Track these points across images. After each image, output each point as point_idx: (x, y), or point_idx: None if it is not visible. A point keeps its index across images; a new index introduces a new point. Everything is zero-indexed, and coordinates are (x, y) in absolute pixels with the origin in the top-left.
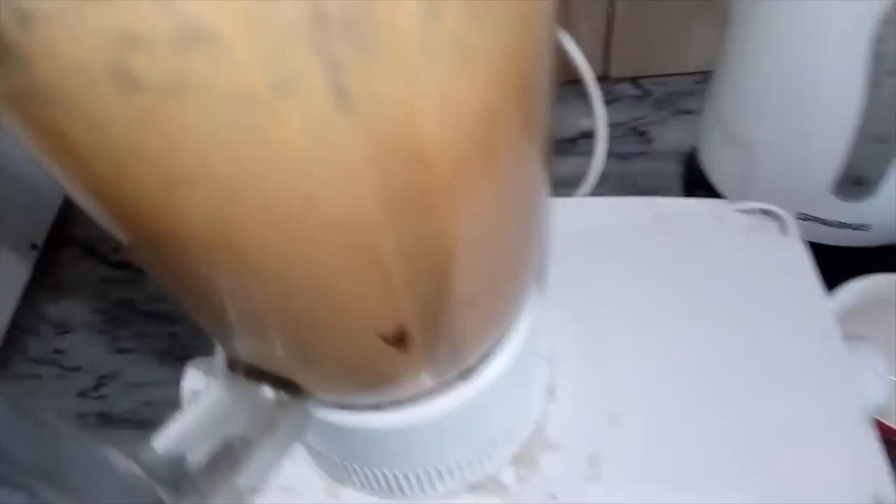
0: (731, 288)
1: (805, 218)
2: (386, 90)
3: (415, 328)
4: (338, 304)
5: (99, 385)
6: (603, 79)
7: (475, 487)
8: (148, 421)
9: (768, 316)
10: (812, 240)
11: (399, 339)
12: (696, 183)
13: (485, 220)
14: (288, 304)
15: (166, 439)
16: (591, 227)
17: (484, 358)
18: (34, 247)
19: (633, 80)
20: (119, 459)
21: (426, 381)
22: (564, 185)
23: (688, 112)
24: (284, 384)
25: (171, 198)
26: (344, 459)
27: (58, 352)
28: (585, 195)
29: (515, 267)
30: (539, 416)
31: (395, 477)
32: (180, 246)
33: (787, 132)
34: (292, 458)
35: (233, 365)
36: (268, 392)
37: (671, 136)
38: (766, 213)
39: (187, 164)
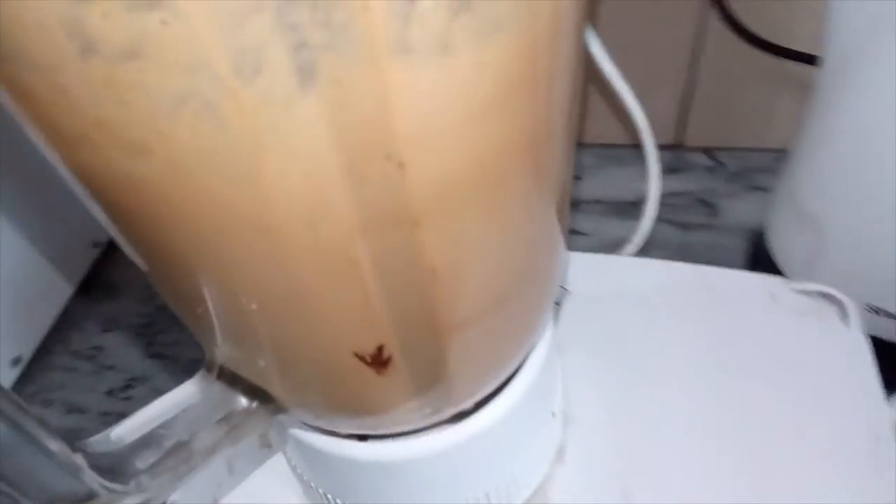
0: (777, 373)
1: (875, 311)
2: (357, 76)
3: (396, 351)
4: (309, 310)
5: (128, 386)
6: (676, 147)
7: None
8: None
9: (814, 409)
10: (882, 336)
11: (378, 361)
12: (761, 262)
13: (471, 245)
14: (255, 302)
15: (123, 430)
16: (634, 288)
17: (479, 403)
18: (95, 245)
19: (708, 151)
20: (59, 448)
21: (411, 415)
22: (620, 246)
23: (762, 189)
24: (258, 393)
25: (131, 169)
26: (326, 490)
27: (97, 348)
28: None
29: (512, 306)
30: (542, 477)
31: None
32: (145, 224)
33: (862, 215)
34: (283, 481)
35: (210, 366)
36: (240, 399)
37: (741, 211)
38: (826, 297)
39: (144, 134)
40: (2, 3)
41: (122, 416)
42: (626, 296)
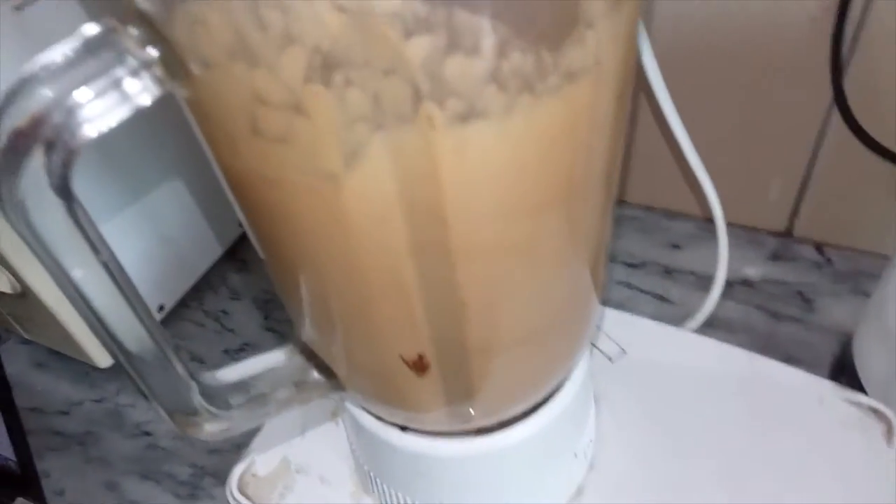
0: (805, 476)
1: None
2: (424, 174)
3: (433, 361)
4: (370, 317)
5: (241, 349)
6: (785, 235)
7: None
8: None
9: None
10: None
11: (418, 366)
12: (846, 371)
13: (498, 287)
14: (333, 303)
15: (225, 373)
16: (689, 362)
17: (503, 424)
18: (241, 225)
19: (818, 246)
20: (183, 373)
21: (442, 419)
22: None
23: (866, 294)
24: (326, 371)
25: (266, 195)
26: (370, 467)
27: (224, 312)
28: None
29: (535, 345)
30: None
31: (405, 502)
32: (271, 233)
33: None
34: (340, 454)
35: (296, 342)
36: (313, 372)
37: (840, 313)
38: (875, 412)
39: (283, 193)
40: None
41: None
42: (678, 368)
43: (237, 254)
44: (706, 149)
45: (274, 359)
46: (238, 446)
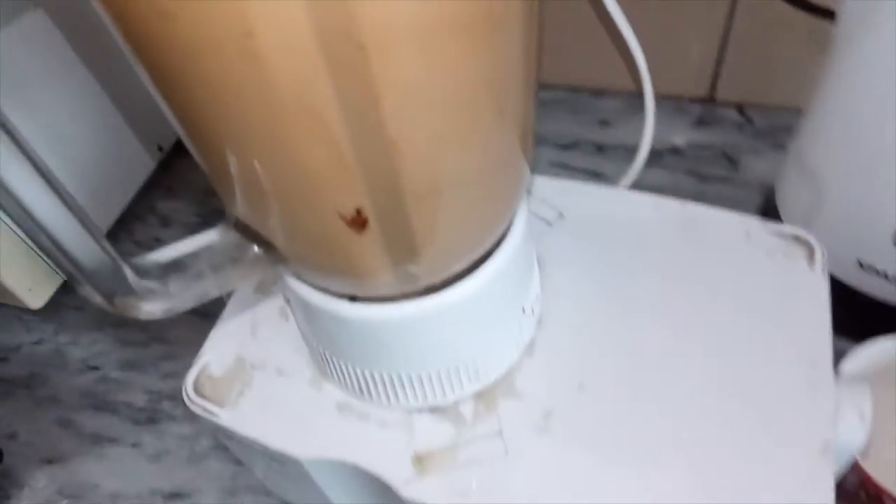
0: (736, 299)
1: (863, 266)
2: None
3: (371, 214)
4: (300, 173)
5: None
6: (707, 100)
7: (435, 410)
8: (212, 313)
9: (768, 334)
10: (866, 290)
11: (356, 222)
12: (769, 215)
13: (426, 127)
14: (260, 165)
15: (159, 255)
16: (624, 217)
17: (454, 278)
18: (160, 149)
19: (740, 107)
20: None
21: (388, 281)
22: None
23: (784, 147)
24: (264, 243)
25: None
26: (324, 348)
27: (158, 240)
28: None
29: (467, 192)
30: (512, 365)
31: (363, 375)
32: (182, 96)
33: (859, 175)
34: (294, 347)
35: (229, 219)
36: (250, 247)
37: (762, 168)
38: (796, 239)
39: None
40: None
41: None
42: (617, 223)
43: (161, 181)
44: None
45: (207, 238)
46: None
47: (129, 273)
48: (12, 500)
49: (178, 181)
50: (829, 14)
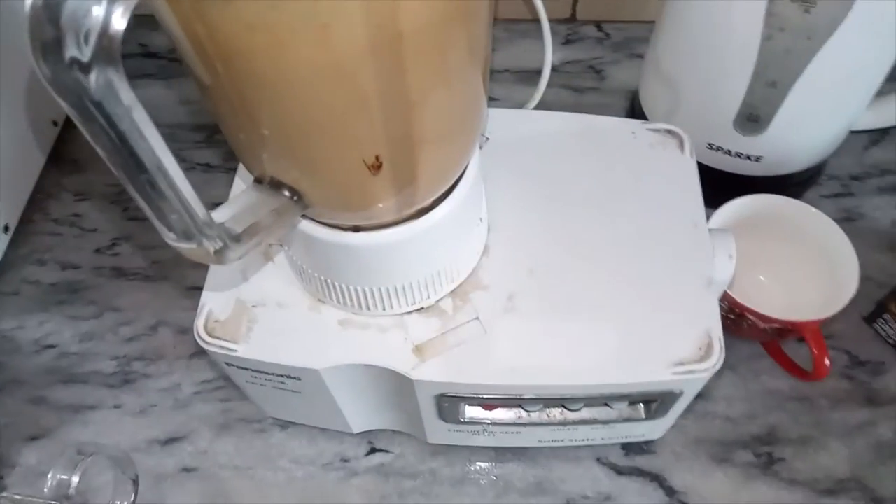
0: (633, 185)
1: (714, 148)
2: None
3: (386, 158)
4: (339, 135)
5: (113, 245)
6: (570, 20)
7: (422, 310)
8: (157, 276)
9: (657, 207)
10: (719, 167)
11: (374, 166)
12: (636, 115)
13: (435, 88)
14: (304, 133)
15: (217, 215)
16: (538, 133)
17: (435, 203)
18: (55, 124)
19: (598, 24)
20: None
21: (391, 208)
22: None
23: (640, 56)
24: (295, 192)
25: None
26: (326, 276)
27: (76, 215)
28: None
29: (456, 133)
30: (475, 265)
31: (364, 293)
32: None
33: (703, 75)
34: (286, 281)
35: (260, 179)
36: (284, 196)
37: (623, 75)
38: (670, 133)
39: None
40: None
41: (114, 269)
42: (531, 139)
43: (64, 155)
44: None
45: (249, 197)
46: (153, 328)
47: (221, 230)
48: (6, 479)
49: (82, 153)
50: None
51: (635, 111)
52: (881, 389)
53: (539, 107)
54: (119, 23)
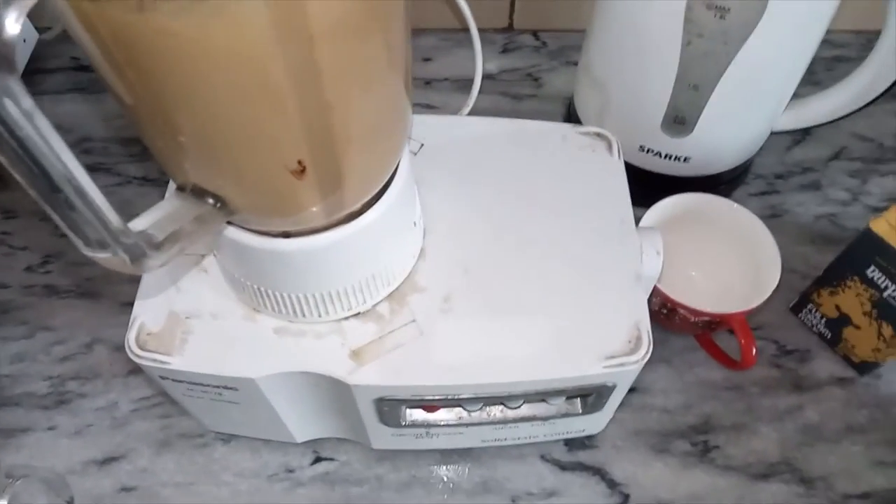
0: (564, 186)
1: (645, 150)
2: None
3: (309, 163)
4: (258, 142)
5: (45, 262)
6: (507, 29)
7: (359, 315)
8: (90, 293)
9: (588, 206)
10: (651, 168)
11: (297, 171)
12: (572, 120)
13: (353, 89)
14: (223, 139)
15: (137, 223)
16: (470, 138)
17: (365, 207)
18: None
19: (535, 33)
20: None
21: (320, 214)
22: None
23: (575, 63)
24: (219, 199)
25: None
26: (259, 284)
27: (5, 233)
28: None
29: (379, 136)
30: (411, 268)
31: (298, 299)
32: (145, 80)
33: (631, 80)
34: (220, 291)
35: (182, 187)
36: (207, 204)
37: (559, 82)
38: (599, 136)
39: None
40: None
41: (46, 287)
42: (465, 144)
43: None
44: None
45: (169, 204)
46: (88, 346)
47: (138, 238)
48: None
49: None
50: None
51: (571, 117)
52: (807, 376)
53: (479, 114)
54: (13, 27)
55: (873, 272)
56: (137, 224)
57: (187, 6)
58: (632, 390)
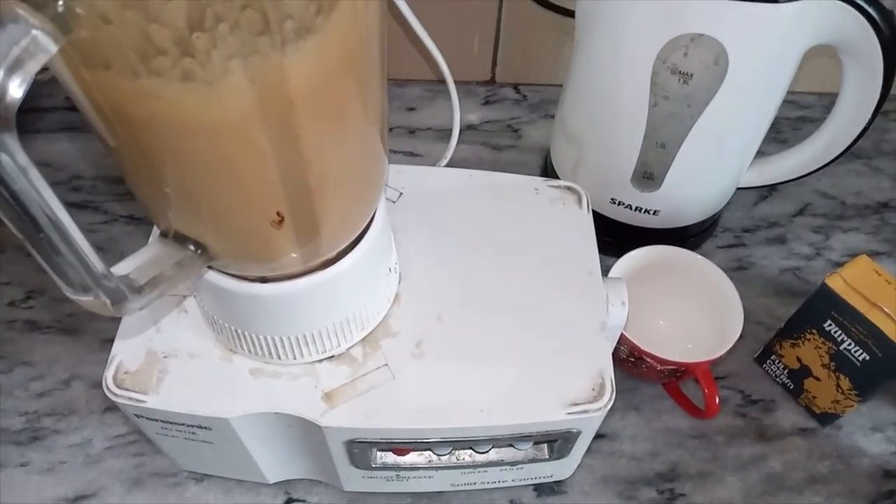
0: (535, 237)
1: (616, 203)
2: (271, 62)
3: (287, 214)
4: (239, 195)
5: (28, 297)
6: (490, 82)
7: (332, 358)
8: (72, 329)
9: (557, 258)
10: (622, 220)
11: (276, 222)
12: (549, 172)
13: (329, 147)
14: (205, 192)
15: (119, 268)
16: (447, 189)
17: (341, 254)
18: None
19: (515, 86)
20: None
21: (296, 261)
22: (449, 166)
23: (553, 117)
24: (199, 246)
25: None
26: (236, 326)
27: None
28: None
29: (355, 188)
30: (386, 313)
31: (273, 342)
32: (135, 135)
33: (603, 136)
34: (198, 331)
35: (165, 233)
36: (188, 250)
37: (538, 134)
38: (570, 189)
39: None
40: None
41: (27, 322)
42: (442, 194)
43: None
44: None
45: (151, 250)
46: (66, 382)
47: (120, 282)
48: None
49: None
50: (571, 13)
51: (548, 168)
52: (771, 425)
53: (459, 164)
54: (16, 92)
55: (830, 326)
56: (120, 269)
57: (172, 76)
58: (601, 436)
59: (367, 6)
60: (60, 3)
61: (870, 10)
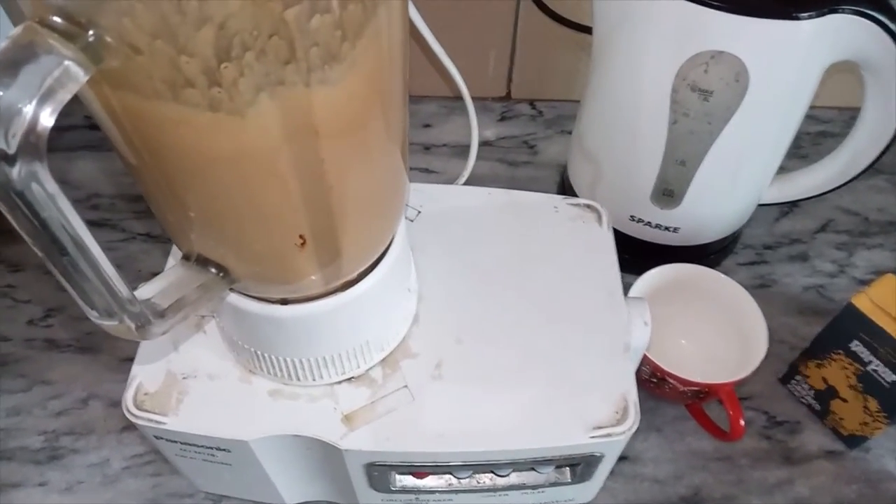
0: (555, 256)
1: (636, 220)
2: (297, 90)
3: (309, 237)
4: (264, 220)
5: (47, 316)
6: (505, 98)
7: (352, 380)
8: (90, 348)
9: (578, 277)
10: (641, 237)
11: (299, 245)
12: (566, 189)
13: (351, 172)
14: (229, 216)
15: (142, 291)
16: (466, 207)
17: (361, 275)
18: None
19: (531, 102)
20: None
21: (317, 282)
22: (467, 183)
23: (570, 132)
24: (221, 269)
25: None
26: (256, 348)
27: (10, 286)
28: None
29: (376, 209)
30: (405, 334)
31: (293, 363)
32: (170, 174)
33: (621, 153)
34: (217, 352)
35: (188, 256)
36: (209, 273)
37: (554, 150)
38: (589, 207)
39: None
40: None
41: (46, 341)
42: (461, 213)
43: (2, 224)
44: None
45: (174, 273)
46: (84, 401)
47: (144, 306)
48: None
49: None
50: (587, 29)
51: (565, 184)
52: (797, 448)
53: (475, 180)
54: (47, 120)
55: (857, 346)
56: (143, 293)
57: (200, 104)
58: (623, 458)
59: (392, 32)
60: (91, 33)
61: (892, 25)
